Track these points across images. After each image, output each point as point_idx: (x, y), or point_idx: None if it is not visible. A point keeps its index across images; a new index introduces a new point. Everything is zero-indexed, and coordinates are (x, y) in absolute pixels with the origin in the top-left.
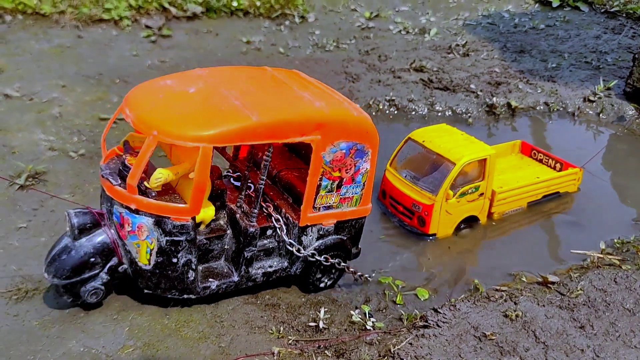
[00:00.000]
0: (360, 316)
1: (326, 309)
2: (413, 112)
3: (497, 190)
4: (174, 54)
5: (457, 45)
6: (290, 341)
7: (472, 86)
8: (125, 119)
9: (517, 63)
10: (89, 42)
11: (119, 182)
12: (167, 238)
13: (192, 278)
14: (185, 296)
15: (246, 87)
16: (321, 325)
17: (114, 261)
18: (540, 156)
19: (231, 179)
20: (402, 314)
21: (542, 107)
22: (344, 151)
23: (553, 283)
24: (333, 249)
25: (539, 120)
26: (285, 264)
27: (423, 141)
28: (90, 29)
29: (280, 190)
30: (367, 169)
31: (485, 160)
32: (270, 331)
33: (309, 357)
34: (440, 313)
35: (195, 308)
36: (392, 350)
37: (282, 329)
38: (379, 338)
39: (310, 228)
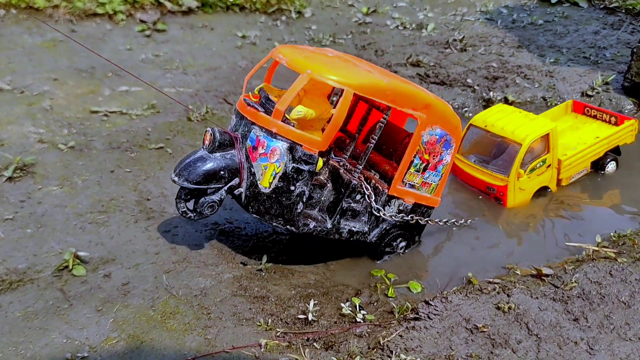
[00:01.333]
0: (350, 309)
1: (316, 302)
2: None
3: (562, 158)
4: (168, 48)
5: (455, 40)
6: (278, 333)
7: (469, 81)
8: (279, 61)
9: (515, 58)
10: (83, 36)
11: (263, 110)
12: (294, 165)
13: (299, 210)
14: (288, 227)
15: (370, 65)
16: (310, 317)
17: (235, 181)
18: (594, 112)
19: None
20: (393, 307)
21: (539, 102)
22: (438, 137)
23: (547, 275)
24: (405, 228)
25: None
26: (366, 229)
27: (485, 126)
28: (84, 23)
29: (368, 167)
30: (448, 161)
31: (548, 134)
32: (258, 323)
33: (297, 350)
34: (431, 305)
35: (182, 300)
36: (381, 343)
37: (270, 321)
38: (368, 330)
39: (394, 200)
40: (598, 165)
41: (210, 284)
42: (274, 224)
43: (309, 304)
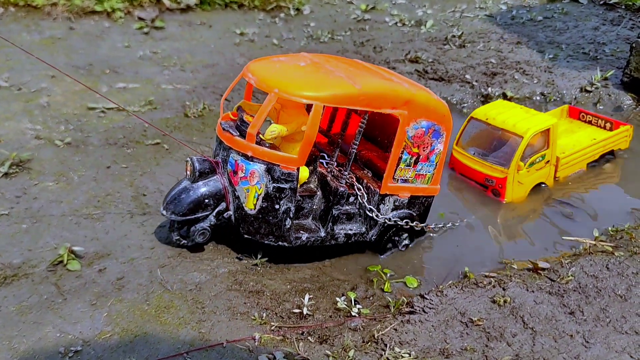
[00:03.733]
0: (345, 303)
1: (311, 296)
2: None
3: (561, 156)
4: (166, 45)
5: (454, 36)
6: (272, 327)
7: (468, 77)
8: (249, 81)
9: (514, 54)
10: (81, 33)
11: (238, 134)
12: (274, 184)
13: (288, 226)
14: (280, 243)
15: (346, 67)
16: (305, 311)
17: (222, 206)
18: (589, 118)
19: (319, 157)
20: (389, 301)
21: (538, 98)
22: (424, 129)
23: (543, 269)
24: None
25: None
26: (363, 229)
27: (487, 119)
28: (82, 20)
29: (361, 166)
30: (440, 150)
31: (548, 130)
32: (253, 317)
33: (292, 343)
34: (426, 299)
35: (177, 294)
36: (376, 336)
37: (265, 315)
38: (363, 324)
39: (388, 198)
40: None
41: (205, 278)
42: (266, 242)
43: (304, 299)
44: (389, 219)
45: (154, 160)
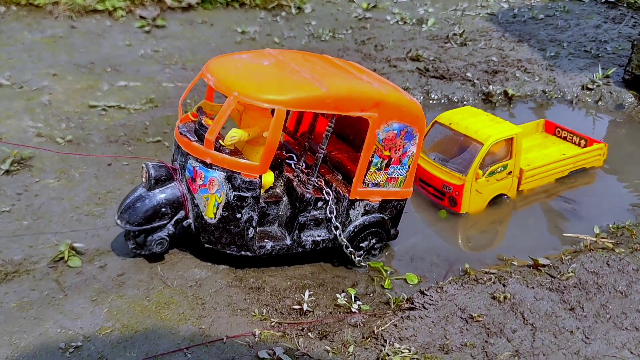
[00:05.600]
0: (345, 299)
1: (311, 292)
2: None
3: (525, 168)
4: (167, 44)
5: (455, 34)
6: (272, 323)
7: (469, 74)
8: (207, 82)
9: (515, 52)
10: (82, 32)
11: (196, 139)
12: (235, 193)
13: (251, 235)
14: (243, 252)
15: (312, 65)
16: (305, 308)
17: (181, 214)
18: (565, 134)
19: (286, 160)
20: (389, 298)
21: (539, 95)
22: (396, 132)
23: (544, 266)
24: (375, 226)
25: (537, 108)
26: (332, 235)
27: (450, 124)
28: (83, 19)
29: (331, 168)
30: (413, 152)
31: (512, 139)
32: (253, 313)
33: (292, 339)
34: (426, 295)
35: (177, 290)
36: (375, 332)
37: (265, 311)
38: (363, 320)
39: (358, 202)
40: None
41: (206, 274)
42: (228, 251)
43: (304, 295)
44: (347, 246)
45: (155, 158)
